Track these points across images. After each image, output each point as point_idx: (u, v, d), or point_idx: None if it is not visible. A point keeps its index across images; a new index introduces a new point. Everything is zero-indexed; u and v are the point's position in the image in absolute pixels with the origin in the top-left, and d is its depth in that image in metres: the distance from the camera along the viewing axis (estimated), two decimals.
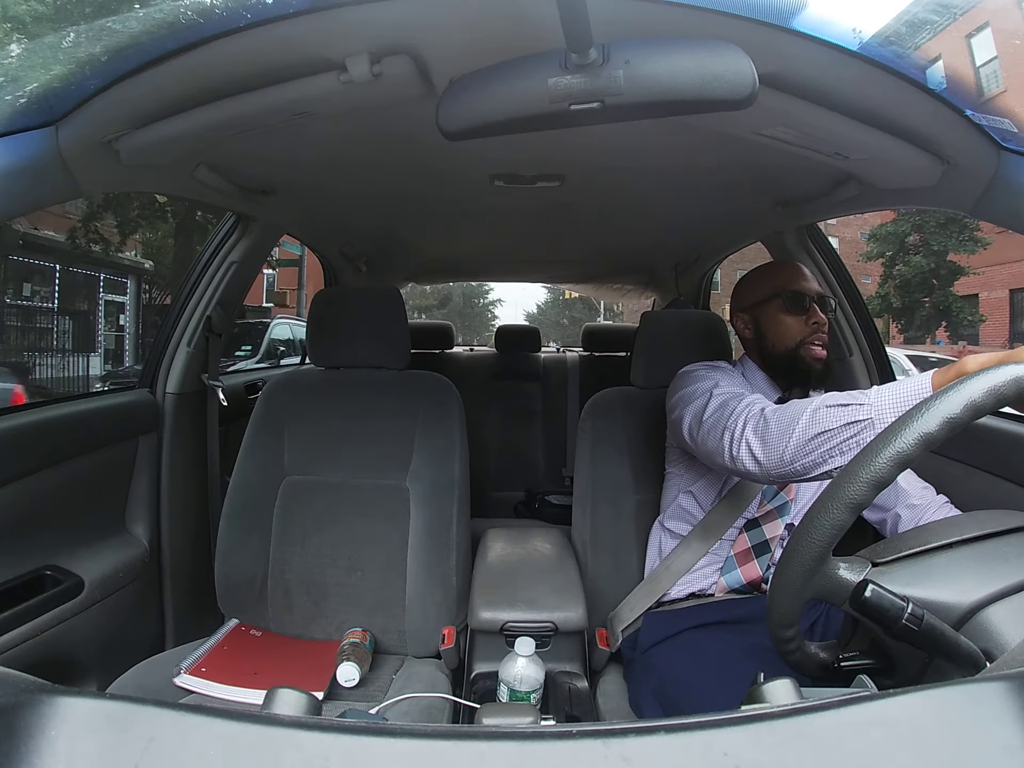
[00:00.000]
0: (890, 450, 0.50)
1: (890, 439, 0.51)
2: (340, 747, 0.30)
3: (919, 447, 0.50)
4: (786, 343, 1.09)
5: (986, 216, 0.90)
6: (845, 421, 0.74)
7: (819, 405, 0.77)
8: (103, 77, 0.77)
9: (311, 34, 0.73)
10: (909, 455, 0.50)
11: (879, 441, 0.51)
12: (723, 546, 1.12)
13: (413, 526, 1.23)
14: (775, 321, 1.11)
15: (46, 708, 0.31)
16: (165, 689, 1.03)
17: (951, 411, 0.50)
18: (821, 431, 0.76)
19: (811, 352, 1.07)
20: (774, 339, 1.11)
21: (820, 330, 1.08)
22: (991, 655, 0.49)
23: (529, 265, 2.63)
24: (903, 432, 0.50)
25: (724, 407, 0.93)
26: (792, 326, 1.09)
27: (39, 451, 1.06)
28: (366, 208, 1.60)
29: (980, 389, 0.50)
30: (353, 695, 1.06)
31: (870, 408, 0.72)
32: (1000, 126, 0.80)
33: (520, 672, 0.95)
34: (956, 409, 0.50)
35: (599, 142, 1.06)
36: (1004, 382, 0.50)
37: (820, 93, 0.81)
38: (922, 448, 0.50)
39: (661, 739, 0.31)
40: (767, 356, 1.13)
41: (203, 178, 1.11)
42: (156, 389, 1.40)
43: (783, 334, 1.10)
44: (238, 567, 1.25)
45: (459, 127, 0.59)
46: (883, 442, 0.51)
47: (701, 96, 0.53)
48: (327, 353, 1.36)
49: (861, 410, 0.73)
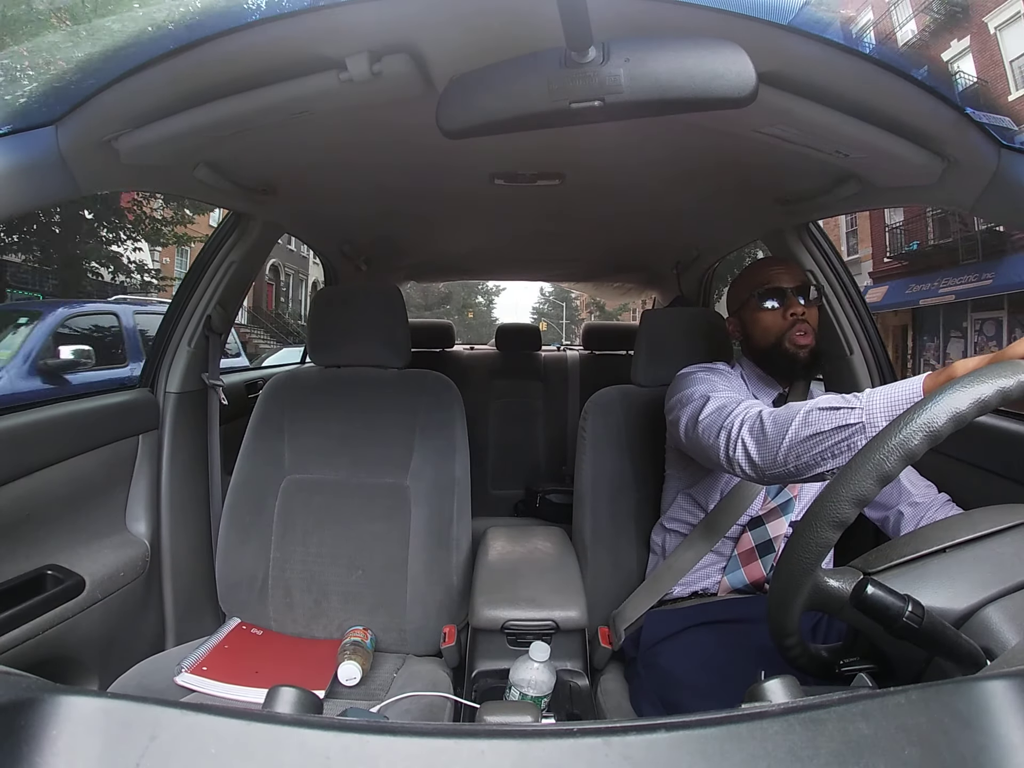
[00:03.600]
0: (869, 466, 0.51)
1: (870, 455, 0.51)
2: (341, 745, 0.31)
3: (899, 462, 0.50)
4: (767, 339, 1.11)
5: (986, 214, 0.90)
6: (836, 424, 0.74)
7: (811, 407, 0.78)
8: (103, 76, 0.77)
9: (310, 33, 0.73)
10: (888, 471, 0.50)
11: (859, 458, 0.52)
12: (726, 544, 1.12)
13: (414, 524, 1.23)
14: (754, 320, 1.13)
15: (48, 707, 0.31)
16: (166, 688, 1.03)
17: (933, 422, 0.50)
18: (813, 433, 0.76)
19: (794, 340, 1.08)
20: (757, 337, 1.13)
21: (799, 320, 1.09)
22: (991, 653, 0.49)
23: (529, 263, 2.63)
24: (882, 447, 0.51)
25: (721, 409, 0.94)
26: (770, 322, 1.11)
27: (40, 450, 1.06)
28: (366, 207, 1.60)
29: (965, 400, 0.50)
30: (354, 694, 1.06)
31: (861, 412, 0.73)
32: (1000, 124, 0.80)
33: (534, 677, 0.95)
34: (938, 421, 0.50)
35: (599, 140, 1.06)
36: (988, 394, 0.50)
37: (820, 91, 0.81)
38: (902, 463, 0.50)
39: (662, 737, 0.31)
40: (756, 354, 1.15)
41: (203, 177, 1.11)
42: (157, 388, 1.40)
43: (763, 331, 1.12)
44: (239, 566, 1.25)
45: (459, 126, 0.59)
46: (863, 459, 0.51)
47: (701, 94, 0.53)
48: (328, 352, 1.36)
49: (852, 414, 0.73)
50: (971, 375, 0.52)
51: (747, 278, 1.16)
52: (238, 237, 1.46)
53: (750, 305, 1.13)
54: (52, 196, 0.86)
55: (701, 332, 1.33)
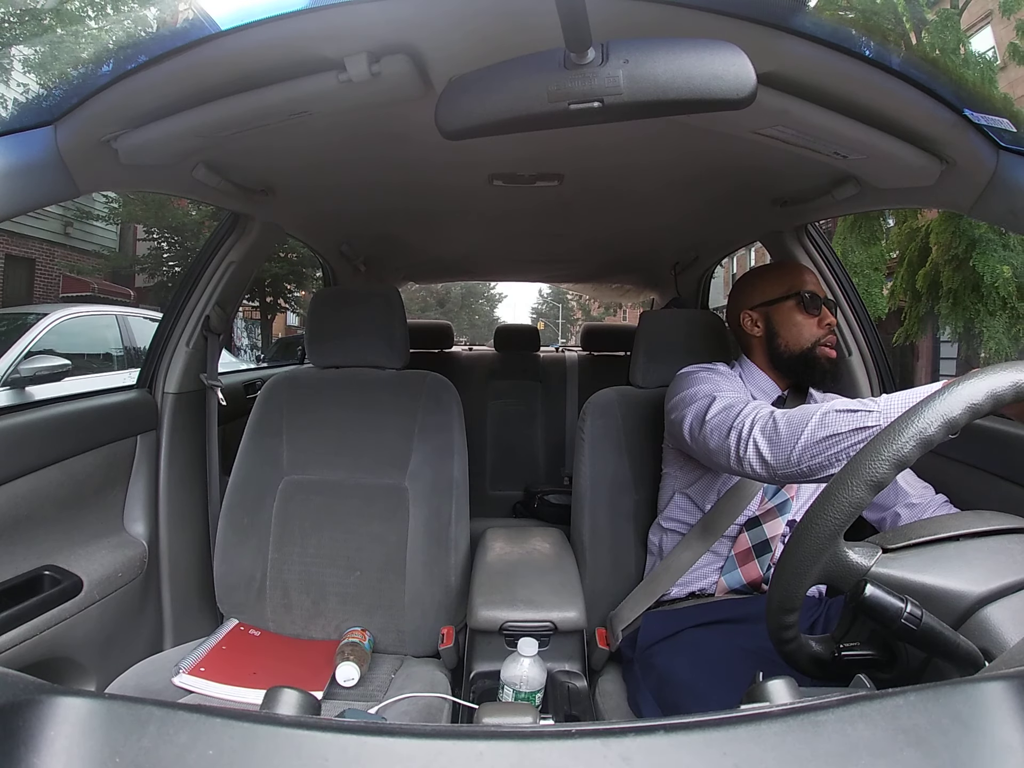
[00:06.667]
0: (912, 430, 0.51)
1: (912, 421, 0.51)
2: (339, 747, 0.30)
3: (942, 429, 0.51)
4: (801, 343, 1.11)
5: (984, 216, 0.90)
6: (854, 427, 0.75)
7: (828, 409, 0.79)
8: (101, 76, 0.76)
9: (309, 33, 0.73)
10: (930, 436, 0.51)
11: (901, 422, 0.52)
12: (723, 545, 1.12)
13: (412, 525, 1.23)
14: (790, 321, 1.12)
15: (45, 708, 0.31)
16: (164, 689, 1.03)
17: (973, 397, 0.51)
18: (830, 434, 0.77)
19: (824, 352, 1.10)
20: (788, 339, 1.12)
21: (832, 331, 1.11)
22: (990, 654, 0.49)
23: (528, 264, 2.63)
24: (924, 413, 0.51)
25: (730, 409, 0.94)
26: (807, 327, 1.11)
27: (38, 451, 1.05)
28: (365, 208, 1.60)
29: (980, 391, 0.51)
30: (352, 695, 1.06)
31: (879, 415, 0.74)
32: (999, 126, 0.80)
33: (525, 673, 0.95)
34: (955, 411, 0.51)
35: (598, 142, 1.06)
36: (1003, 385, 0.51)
37: (819, 93, 0.81)
38: (945, 429, 0.51)
39: (660, 738, 0.31)
40: (777, 355, 1.14)
41: (202, 177, 1.11)
42: (155, 389, 1.40)
43: (798, 334, 1.11)
44: (237, 567, 1.25)
45: (458, 127, 0.59)
46: (905, 424, 0.51)
47: (700, 96, 0.53)
48: (326, 352, 1.36)
49: (870, 417, 0.74)
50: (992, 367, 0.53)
51: (784, 275, 1.16)
52: (237, 237, 1.46)
53: (788, 304, 1.12)
54: (51, 196, 0.86)
55: (699, 333, 1.34)
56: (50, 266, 9.81)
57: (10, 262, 9.13)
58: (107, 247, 10.81)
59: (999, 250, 6.77)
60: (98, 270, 10.44)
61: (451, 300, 25.39)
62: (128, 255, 11.04)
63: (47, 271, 9.80)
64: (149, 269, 10.64)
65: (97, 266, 10.45)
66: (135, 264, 10.80)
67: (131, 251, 11.20)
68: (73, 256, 10.15)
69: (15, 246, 9.19)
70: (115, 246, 11.03)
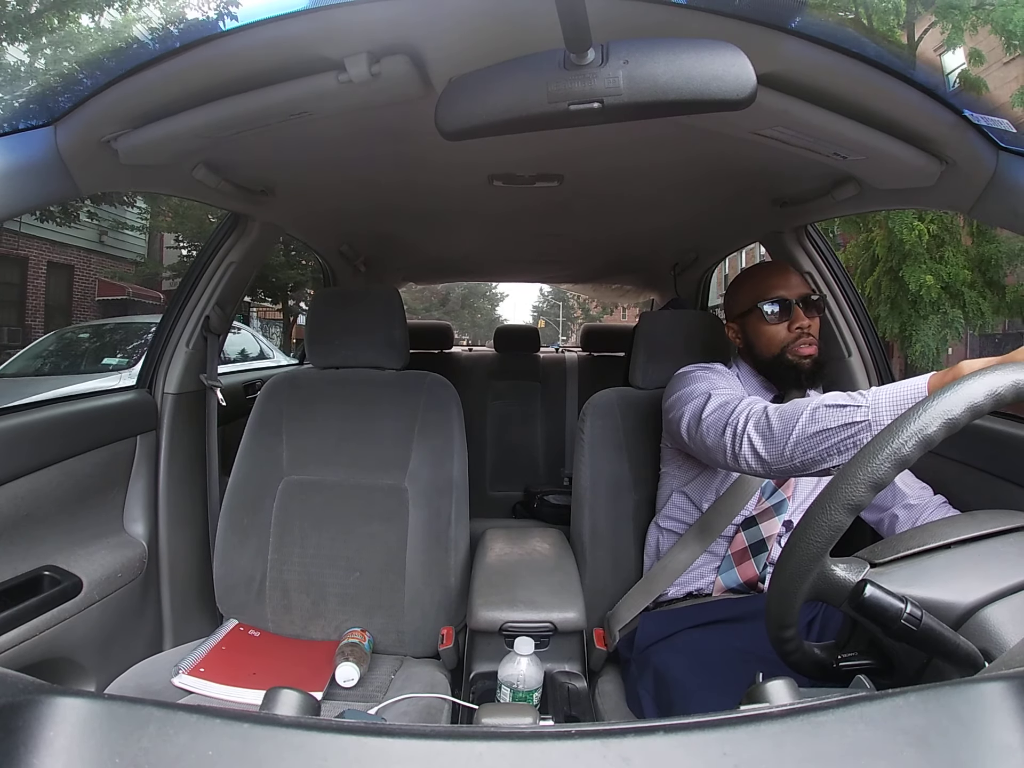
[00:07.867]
0: (887, 450, 0.51)
1: (888, 440, 0.51)
2: (339, 747, 0.30)
3: (917, 448, 0.50)
4: (770, 350, 1.12)
5: (984, 217, 0.90)
6: (842, 422, 0.75)
7: (818, 404, 0.79)
8: (101, 77, 0.77)
9: (309, 34, 0.73)
10: (907, 456, 0.50)
11: (877, 442, 0.51)
12: (720, 544, 1.12)
13: (412, 526, 1.23)
14: (757, 331, 1.13)
15: (44, 709, 0.31)
16: (164, 689, 1.03)
17: (950, 411, 0.50)
18: (819, 430, 0.77)
19: (797, 351, 1.09)
20: (760, 347, 1.13)
21: (804, 334, 1.09)
22: (989, 655, 0.49)
23: (528, 265, 2.63)
24: (901, 432, 0.51)
25: (725, 406, 0.94)
26: (774, 334, 1.11)
27: (37, 451, 1.05)
28: (365, 208, 1.60)
29: (979, 391, 0.50)
30: (352, 695, 1.06)
31: (867, 410, 0.74)
32: (999, 126, 0.80)
33: (522, 672, 0.95)
34: (956, 410, 0.50)
35: (598, 142, 1.06)
36: (1003, 385, 0.51)
37: (819, 93, 0.81)
38: (920, 449, 0.50)
39: (660, 739, 0.31)
40: (758, 362, 1.15)
41: (201, 178, 1.11)
42: (155, 389, 1.40)
43: (768, 343, 1.12)
44: (237, 567, 1.25)
45: (458, 127, 0.59)
46: (881, 443, 0.51)
47: (700, 96, 0.53)
48: (326, 353, 1.36)
49: (858, 412, 0.74)
50: (984, 370, 0.52)
51: (748, 285, 1.16)
52: (237, 238, 1.46)
53: (753, 315, 1.13)
54: (51, 196, 0.86)
55: (699, 334, 1.34)
56: (87, 272, 10.71)
57: (52, 268, 10.02)
58: (138, 254, 11.76)
59: (927, 262, 7.69)
60: (129, 275, 11.35)
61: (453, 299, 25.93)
62: (156, 261, 11.93)
63: (84, 276, 10.69)
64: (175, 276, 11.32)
65: (128, 272, 11.37)
66: (164, 270, 11.57)
67: (159, 258, 12.12)
68: (107, 263, 11.05)
69: (56, 254, 10.05)
70: (144, 253, 11.95)
